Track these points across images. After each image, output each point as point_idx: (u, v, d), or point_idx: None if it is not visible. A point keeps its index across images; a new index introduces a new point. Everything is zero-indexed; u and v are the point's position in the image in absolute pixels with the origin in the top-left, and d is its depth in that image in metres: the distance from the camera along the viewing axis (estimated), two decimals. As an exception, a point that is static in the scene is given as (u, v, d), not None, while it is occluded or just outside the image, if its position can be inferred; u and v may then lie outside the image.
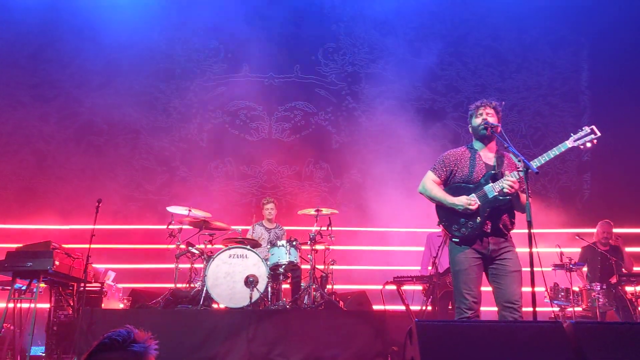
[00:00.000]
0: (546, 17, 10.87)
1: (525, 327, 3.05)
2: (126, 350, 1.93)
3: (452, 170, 4.38)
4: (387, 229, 9.71)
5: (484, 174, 4.27)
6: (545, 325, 2.94)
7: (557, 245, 7.63)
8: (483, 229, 4.16)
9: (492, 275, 4.18)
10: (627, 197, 9.76)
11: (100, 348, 1.93)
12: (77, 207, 9.66)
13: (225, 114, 10.45)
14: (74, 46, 10.33)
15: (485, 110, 4.40)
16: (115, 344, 1.93)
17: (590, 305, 7.42)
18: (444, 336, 2.82)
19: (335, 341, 5.97)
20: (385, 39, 10.90)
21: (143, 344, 1.97)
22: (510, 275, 4.08)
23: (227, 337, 5.90)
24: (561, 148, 4.15)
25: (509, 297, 4.01)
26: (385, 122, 10.58)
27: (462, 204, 4.16)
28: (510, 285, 4.05)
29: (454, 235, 4.22)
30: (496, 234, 4.19)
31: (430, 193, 4.37)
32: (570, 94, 10.93)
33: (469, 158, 4.37)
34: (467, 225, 4.18)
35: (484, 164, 4.33)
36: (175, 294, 6.87)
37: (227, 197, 10.12)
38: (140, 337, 1.98)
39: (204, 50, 10.61)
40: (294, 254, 7.11)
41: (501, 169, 4.30)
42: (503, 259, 4.15)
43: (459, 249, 4.20)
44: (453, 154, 4.45)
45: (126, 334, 1.96)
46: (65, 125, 10.20)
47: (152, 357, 1.99)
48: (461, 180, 4.32)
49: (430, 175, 4.45)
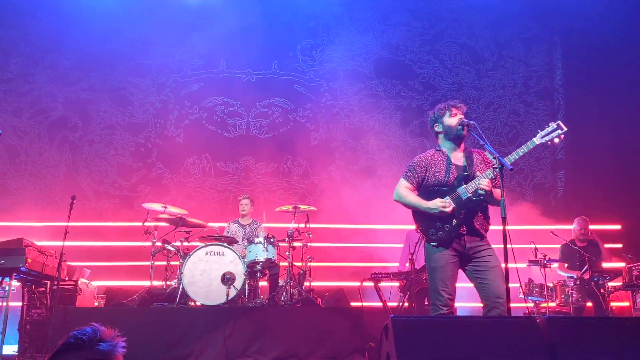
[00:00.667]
0: (520, 16, 10.99)
1: (500, 322, 3.08)
2: (92, 349, 1.85)
3: (423, 177, 4.39)
4: (365, 226, 9.74)
5: (456, 176, 4.27)
6: (519, 321, 2.97)
7: (532, 241, 7.72)
8: (459, 230, 4.18)
9: (474, 272, 4.16)
10: (601, 194, 9.91)
11: (65, 348, 1.86)
12: (50, 204, 9.53)
13: (202, 110, 10.36)
14: (47, 40, 10.14)
15: (459, 110, 4.42)
16: (81, 343, 1.85)
17: (564, 300, 7.54)
18: (419, 331, 2.83)
19: (313, 338, 5.98)
20: (363, 37, 10.92)
21: (110, 342, 1.89)
22: (493, 270, 4.08)
23: (203, 334, 5.87)
24: (529, 145, 4.20)
25: (496, 293, 3.98)
26: (364, 119, 10.62)
27: (437, 207, 4.17)
28: (495, 279, 4.04)
29: (432, 240, 4.22)
30: (472, 234, 4.22)
31: (405, 199, 4.38)
32: (544, 92, 11.08)
33: (439, 161, 4.37)
34: (444, 229, 4.19)
35: (455, 165, 4.34)
36: (151, 291, 6.82)
37: (204, 194, 10.06)
38: (107, 335, 1.91)
39: (180, 45, 10.50)
40: (271, 251, 7.10)
41: (472, 169, 4.32)
42: (482, 255, 4.16)
43: (436, 250, 4.21)
44: (422, 159, 4.45)
45: (92, 333, 1.88)
46: (39, 120, 10.02)
47: (119, 355, 1.91)
48: (434, 184, 4.32)
49: (402, 182, 4.46)
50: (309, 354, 5.88)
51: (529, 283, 7.71)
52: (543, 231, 8.63)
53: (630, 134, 9.89)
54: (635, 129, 9.81)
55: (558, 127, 4.22)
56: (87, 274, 7.62)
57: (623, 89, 10.14)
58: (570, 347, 2.73)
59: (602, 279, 7.41)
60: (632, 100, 9.98)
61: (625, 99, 10.07)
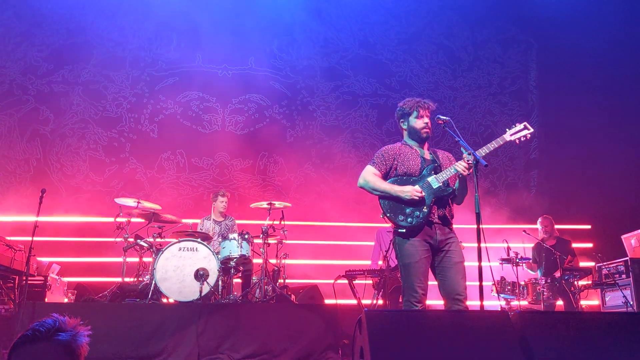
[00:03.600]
0: (497, 17, 11.12)
1: (473, 316, 3.09)
2: (51, 340, 1.80)
3: (391, 165, 4.40)
4: (340, 223, 9.75)
5: (425, 167, 4.33)
6: (491, 315, 2.99)
7: (504, 240, 7.81)
8: (429, 218, 4.21)
9: (437, 267, 4.20)
10: (573, 194, 10.08)
11: (22, 340, 1.80)
12: (20, 198, 9.30)
13: (177, 104, 10.24)
14: (18, 31, 9.93)
15: (426, 112, 4.45)
16: (38, 335, 1.80)
17: (535, 298, 7.64)
18: (392, 325, 2.83)
19: (286, 335, 5.95)
20: (340, 34, 10.92)
21: (70, 332, 1.84)
22: (455, 267, 4.12)
23: (175, 331, 5.79)
24: (499, 141, 4.36)
25: (456, 290, 4.05)
26: (340, 117, 10.63)
27: (409, 192, 4.17)
28: (455, 276, 4.09)
29: (401, 226, 4.21)
30: (442, 223, 4.26)
31: (374, 185, 4.34)
32: (519, 93, 11.22)
33: (407, 153, 4.41)
34: (414, 215, 4.19)
35: (422, 158, 4.40)
36: (123, 287, 6.72)
37: (177, 190, 9.95)
38: (68, 325, 1.85)
39: (155, 38, 10.37)
40: (245, 248, 7.05)
41: (440, 162, 4.41)
42: (448, 250, 4.19)
43: (406, 241, 4.19)
44: (391, 148, 4.48)
45: (51, 323, 1.83)
46: (10, 113, 9.79)
47: (82, 345, 1.85)
48: (403, 173, 4.34)
49: (370, 169, 4.44)
50: (282, 351, 5.85)
51: (502, 281, 7.80)
52: (515, 230, 8.75)
53: (602, 134, 10.06)
54: (607, 130, 9.99)
55: (525, 128, 4.43)
56: (57, 270, 7.48)
57: (595, 91, 10.33)
58: (540, 340, 2.76)
59: (572, 277, 7.52)
60: (604, 102, 10.17)
61: (597, 101, 10.25)
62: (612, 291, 7.50)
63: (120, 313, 5.96)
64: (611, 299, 7.55)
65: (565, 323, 2.82)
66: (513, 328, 2.80)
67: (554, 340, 2.72)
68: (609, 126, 9.94)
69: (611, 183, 9.93)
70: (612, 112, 10.02)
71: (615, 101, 10.16)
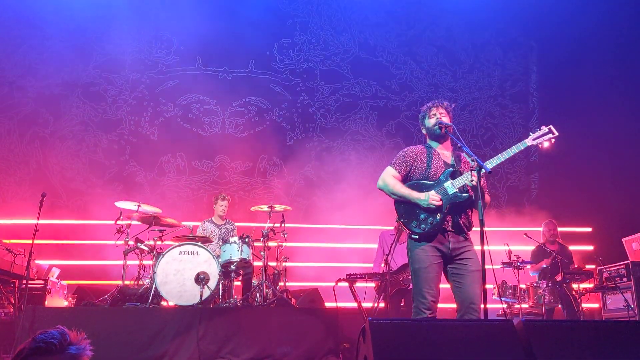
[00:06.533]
0: (498, 19, 11.10)
1: (477, 325, 3.07)
2: (63, 353, 1.85)
3: (411, 166, 4.35)
4: (341, 226, 9.72)
5: (443, 171, 4.26)
6: (496, 324, 2.97)
7: (506, 243, 7.79)
8: (443, 225, 4.14)
9: (453, 275, 4.14)
10: (574, 197, 10.05)
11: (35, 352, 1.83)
12: (20, 201, 9.29)
13: (177, 107, 10.23)
14: (18, 34, 9.92)
15: (438, 110, 4.42)
16: (52, 347, 1.84)
17: (536, 302, 7.62)
18: (397, 335, 2.81)
19: (287, 339, 5.93)
20: (340, 36, 10.91)
21: (79, 346, 1.89)
22: (471, 275, 4.06)
23: (176, 335, 5.78)
24: (520, 146, 4.23)
25: (470, 298, 3.99)
26: (340, 119, 10.62)
27: (428, 199, 4.13)
28: (471, 285, 4.03)
29: (414, 232, 4.17)
30: (456, 232, 4.18)
31: (393, 189, 4.30)
32: (519, 95, 11.20)
33: (427, 155, 4.36)
34: (427, 222, 4.14)
35: (443, 161, 4.33)
36: (123, 291, 6.69)
37: (178, 193, 9.93)
38: (75, 338, 1.91)
39: (155, 41, 10.35)
40: (246, 251, 7.03)
41: (459, 167, 4.32)
42: (463, 258, 4.13)
43: (418, 245, 4.15)
44: (412, 150, 4.43)
45: (61, 336, 1.87)
46: (9, 115, 9.78)
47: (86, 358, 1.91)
48: (420, 177, 4.29)
49: (390, 170, 4.39)
50: (283, 355, 5.83)
51: (503, 284, 7.78)
52: (517, 233, 8.73)
53: (603, 137, 10.06)
54: (608, 133, 9.98)
55: (549, 132, 4.29)
56: (57, 273, 7.46)
57: (596, 95, 10.31)
58: (545, 350, 2.74)
59: (573, 280, 7.51)
60: (605, 105, 10.15)
61: (598, 104, 10.23)
62: (613, 294, 7.50)
63: (121, 317, 5.94)
64: (612, 302, 7.54)
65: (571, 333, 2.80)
66: (518, 337, 2.78)
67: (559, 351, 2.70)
68: (610, 129, 9.93)
69: (612, 186, 9.92)
70: (613, 114, 9.99)
71: (616, 104, 10.14)
